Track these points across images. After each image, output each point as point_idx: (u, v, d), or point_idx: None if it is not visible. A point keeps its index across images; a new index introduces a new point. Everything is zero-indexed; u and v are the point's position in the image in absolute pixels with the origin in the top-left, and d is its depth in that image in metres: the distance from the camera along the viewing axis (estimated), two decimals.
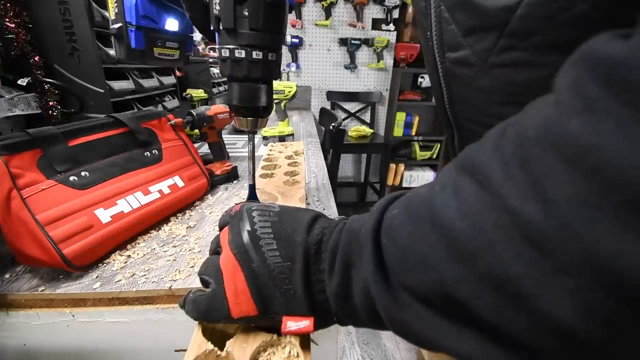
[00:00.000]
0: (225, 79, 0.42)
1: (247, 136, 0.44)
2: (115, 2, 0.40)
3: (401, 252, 0.19)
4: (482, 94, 0.31)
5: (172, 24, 0.44)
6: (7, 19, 0.58)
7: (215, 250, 0.29)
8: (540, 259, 0.13)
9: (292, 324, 0.24)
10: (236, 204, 0.31)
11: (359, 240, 0.22)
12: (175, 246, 0.48)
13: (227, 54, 0.36)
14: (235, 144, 1.09)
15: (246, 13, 0.34)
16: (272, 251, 0.24)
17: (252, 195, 0.48)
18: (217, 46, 0.38)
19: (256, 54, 0.36)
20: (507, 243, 0.14)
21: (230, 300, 0.24)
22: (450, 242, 0.16)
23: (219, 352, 0.26)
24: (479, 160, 0.17)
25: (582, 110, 0.12)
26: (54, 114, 0.65)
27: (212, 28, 0.37)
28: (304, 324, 0.24)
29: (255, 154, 1.06)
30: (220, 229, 0.30)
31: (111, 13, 0.41)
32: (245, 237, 0.25)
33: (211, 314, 0.26)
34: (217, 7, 0.34)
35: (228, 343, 0.26)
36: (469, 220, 0.16)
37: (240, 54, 0.35)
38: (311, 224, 0.26)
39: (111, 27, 0.42)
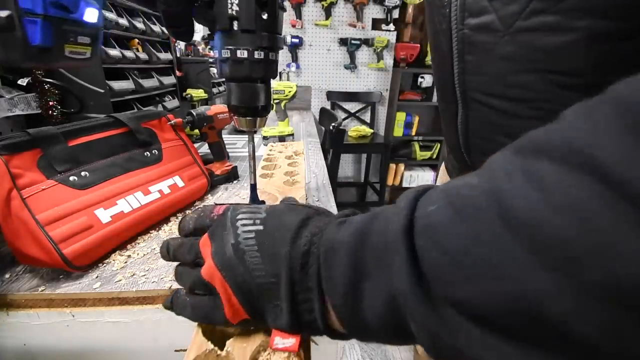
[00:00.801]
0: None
1: (247, 136, 0.44)
2: None
3: (451, 259, 0.15)
4: (503, 62, 0.30)
5: (91, 14, 0.34)
6: None
7: (195, 261, 0.26)
8: None
9: (279, 341, 0.24)
10: (216, 204, 0.28)
11: (378, 246, 0.19)
12: None
13: (246, 56, 0.36)
14: (235, 144, 1.09)
15: (265, 17, 0.34)
16: (256, 265, 0.23)
17: (254, 195, 0.48)
18: (215, 47, 0.37)
19: (258, 54, 0.36)
20: (636, 241, 0.11)
21: (227, 310, 0.24)
22: (539, 246, 0.13)
23: (219, 352, 0.26)
24: (566, 139, 0.13)
25: None
26: (54, 114, 0.65)
27: (217, 28, 0.36)
28: (290, 342, 0.23)
29: (255, 154, 1.06)
30: (195, 231, 0.28)
31: None
32: (229, 250, 0.24)
33: (211, 319, 0.26)
34: (236, 8, 0.34)
35: (228, 343, 0.26)
36: (567, 215, 0.12)
37: (260, 55, 0.36)
38: (297, 232, 0.23)
39: None
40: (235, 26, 0.35)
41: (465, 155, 0.39)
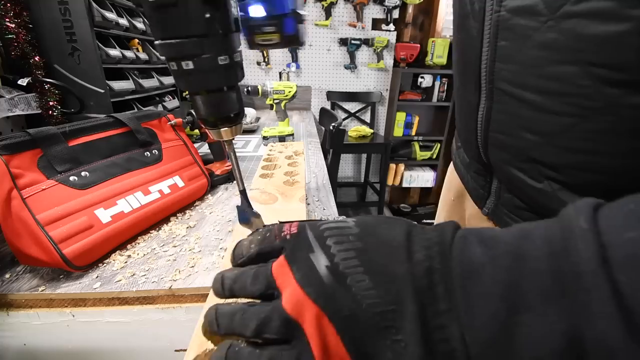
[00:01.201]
0: None
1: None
2: None
3: None
4: (541, 50, 0.27)
5: (256, 11, 0.45)
6: (7, 19, 0.58)
7: (265, 293, 0.21)
8: None
9: None
10: (283, 222, 0.23)
11: (540, 273, 0.16)
12: (175, 246, 0.48)
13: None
14: (235, 143, 1.09)
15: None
16: (366, 291, 0.18)
17: (246, 203, 0.48)
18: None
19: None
20: None
21: (320, 358, 0.18)
22: None
23: None
24: None
25: None
26: (54, 114, 0.65)
27: None
28: None
29: (255, 154, 1.06)
30: (259, 257, 0.23)
31: None
32: (325, 274, 0.19)
33: None
34: None
35: None
36: None
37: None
38: (409, 246, 0.19)
39: None
40: None
41: (482, 150, 0.37)
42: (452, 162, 0.54)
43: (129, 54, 0.78)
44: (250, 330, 0.19)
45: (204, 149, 0.97)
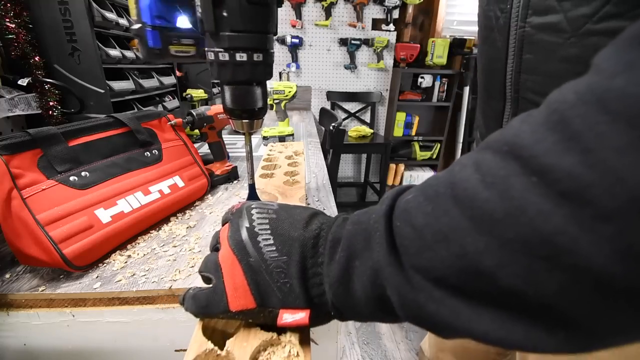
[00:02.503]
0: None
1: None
2: (134, 2, 0.40)
3: (418, 233, 0.18)
4: (564, 64, 0.29)
5: (184, 22, 0.45)
6: (7, 19, 0.58)
7: (215, 246, 0.29)
8: (576, 211, 0.13)
9: (288, 316, 0.24)
10: (239, 202, 0.30)
11: (366, 229, 0.22)
12: (175, 246, 0.48)
13: (213, 57, 0.35)
14: (235, 144, 1.09)
15: (225, 14, 0.33)
16: (269, 246, 0.25)
17: (253, 195, 0.48)
18: (205, 49, 0.36)
19: (240, 56, 0.35)
20: (537, 204, 0.14)
21: (229, 294, 0.25)
22: (474, 213, 0.16)
23: (219, 352, 0.26)
24: (503, 136, 0.17)
25: (624, 70, 0.13)
26: (54, 114, 0.65)
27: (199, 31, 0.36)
28: (300, 316, 0.24)
29: (255, 154, 1.06)
30: (223, 225, 0.31)
31: (132, 14, 0.42)
32: (244, 233, 0.26)
33: (211, 308, 0.26)
34: (199, 10, 0.33)
35: (228, 342, 0.26)
36: (493, 189, 0.15)
37: (225, 57, 0.34)
38: (308, 220, 0.26)
39: (132, 27, 0.43)
40: (205, 28, 0.34)
41: None
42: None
43: (129, 54, 0.78)
44: (200, 268, 0.28)
45: (204, 149, 0.97)
